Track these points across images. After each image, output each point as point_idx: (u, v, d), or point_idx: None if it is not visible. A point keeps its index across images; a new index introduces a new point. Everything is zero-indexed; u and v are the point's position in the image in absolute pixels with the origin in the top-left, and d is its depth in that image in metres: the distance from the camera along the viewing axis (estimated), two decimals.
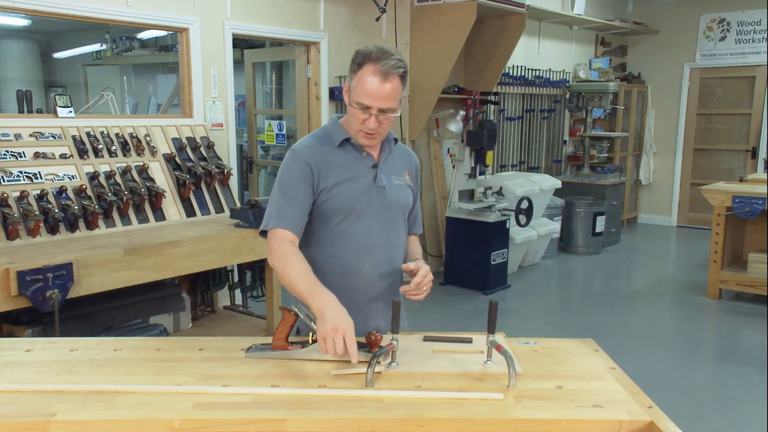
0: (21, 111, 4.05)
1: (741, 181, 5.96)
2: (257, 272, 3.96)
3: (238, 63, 5.52)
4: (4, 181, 3.07)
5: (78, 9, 3.66)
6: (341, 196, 1.81)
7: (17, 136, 3.27)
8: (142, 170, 3.59)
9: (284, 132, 5.93)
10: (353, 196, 1.81)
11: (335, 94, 5.12)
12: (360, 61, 1.71)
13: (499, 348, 1.50)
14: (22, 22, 5.91)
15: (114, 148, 3.56)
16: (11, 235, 2.96)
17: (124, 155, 3.60)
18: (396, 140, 1.94)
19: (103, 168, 3.46)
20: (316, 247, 1.86)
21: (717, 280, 5.36)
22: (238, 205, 3.86)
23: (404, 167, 1.94)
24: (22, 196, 3.05)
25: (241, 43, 5.81)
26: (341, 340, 1.49)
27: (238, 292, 4.24)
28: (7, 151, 3.17)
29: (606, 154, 8.11)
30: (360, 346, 1.62)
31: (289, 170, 1.81)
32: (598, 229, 7.06)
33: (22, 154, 3.22)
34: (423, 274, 1.75)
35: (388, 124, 1.79)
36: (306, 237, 1.85)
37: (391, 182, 1.88)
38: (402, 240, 1.94)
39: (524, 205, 5.62)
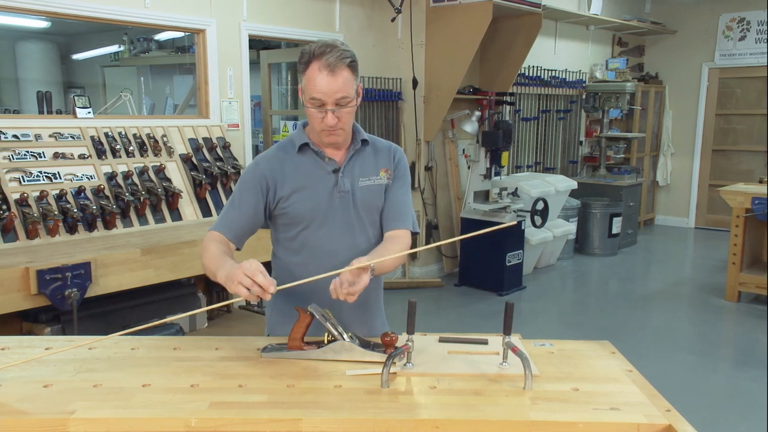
0: (41, 112, 4.10)
1: (760, 182, 5.87)
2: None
3: (254, 64, 5.56)
4: (24, 181, 3.11)
5: (97, 11, 3.70)
6: (299, 204, 1.78)
7: (37, 137, 3.31)
8: (159, 170, 3.62)
9: None
10: (312, 203, 1.78)
11: None
12: (306, 60, 1.67)
13: (515, 349, 1.50)
14: (41, 24, 5.98)
15: (131, 148, 3.59)
16: (31, 235, 3.00)
17: (142, 155, 3.63)
18: (366, 141, 1.85)
19: (121, 168, 3.49)
20: (283, 255, 1.87)
21: (736, 283, 5.30)
22: None
23: (379, 165, 1.86)
24: (42, 196, 3.09)
25: (256, 44, 5.84)
26: (255, 272, 1.50)
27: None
28: (28, 152, 3.22)
29: (623, 155, 8.05)
30: (375, 346, 1.63)
31: (244, 179, 1.82)
32: (614, 231, 7.01)
33: (42, 155, 3.26)
34: (348, 281, 1.58)
35: (348, 118, 1.73)
36: (274, 245, 1.89)
37: (358, 185, 1.82)
38: (372, 241, 1.86)
39: (540, 206, 5.59)
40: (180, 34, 5.94)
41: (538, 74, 6.92)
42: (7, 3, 3.40)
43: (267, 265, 1.90)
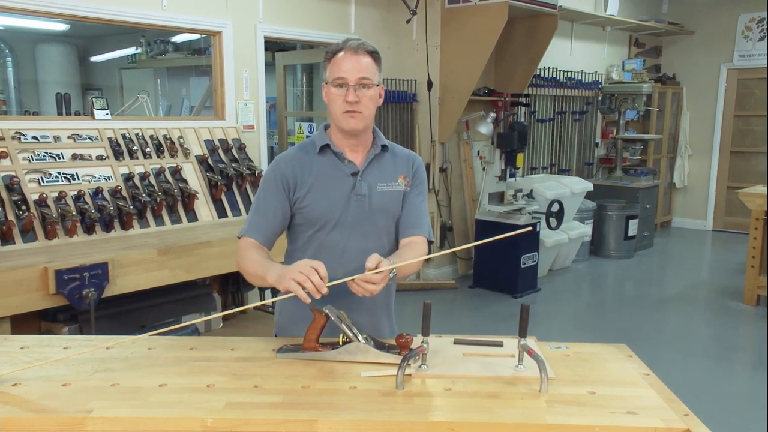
0: (60, 113, 4.15)
1: None
2: None
3: (270, 65, 5.59)
4: (43, 182, 3.15)
5: (115, 13, 3.74)
6: (315, 204, 1.79)
7: (56, 138, 3.35)
8: (176, 171, 3.64)
9: None
10: (328, 205, 1.79)
11: None
12: (332, 51, 1.77)
13: (530, 352, 1.49)
14: (61, 26, 6.05)
15: (148, 149, 3.63)
16: (49, 235, 3.04)
17: (158, 157, 3.66)
18: (385, 146, 1.86)
19: (138, 169, 3.52)
20: (295, 253, 1.86)
21: (754, 286, 5.23)
22: None
23: (398, 171, 1.87)
24: (60, 197, 3.12)
25: (272, 45, 5.87)
26: (311, 270, 1.55)
27: (268, 293, 4.28)
28: (47, 153, 3.25)
29: (639, 157, 7.98)
30: (390, 348, 1.63)
31: (266, 180, 1.85)
32: (630, 233, 6.95)
33: (61, 156, 3.30)
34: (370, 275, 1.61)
35: (369, 103, 1.75)
36: (288, 243, 1.92)
37: (375, 189, 1.82)
38: (386, 247, 1.85)
39: (555, 208, 5.56)
40: (196, 36, 5.98)
41: (554, 75, 6.89)
42: (28, 6, 3.45)
43: None
